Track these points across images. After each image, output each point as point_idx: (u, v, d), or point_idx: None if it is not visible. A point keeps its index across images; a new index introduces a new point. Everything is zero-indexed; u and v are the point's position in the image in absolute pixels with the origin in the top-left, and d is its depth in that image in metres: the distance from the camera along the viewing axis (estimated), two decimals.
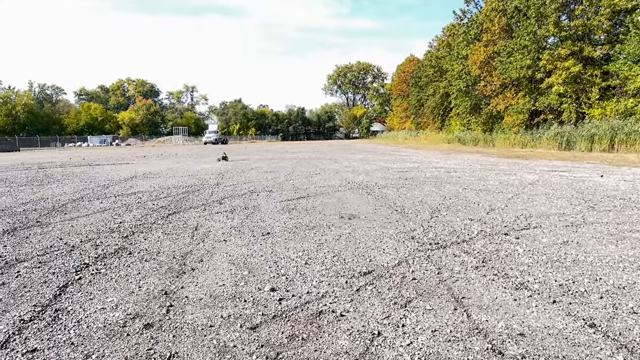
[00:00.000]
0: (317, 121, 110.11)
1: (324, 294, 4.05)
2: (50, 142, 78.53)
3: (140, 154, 35.79)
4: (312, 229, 6.75)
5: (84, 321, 3.54)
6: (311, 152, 33.25)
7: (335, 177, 14.34)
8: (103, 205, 9.33)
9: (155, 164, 23.02)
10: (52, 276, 4.69)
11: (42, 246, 5.97)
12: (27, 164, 24.87)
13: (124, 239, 6.32)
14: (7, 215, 8.25)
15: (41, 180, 14.68)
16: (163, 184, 13.00)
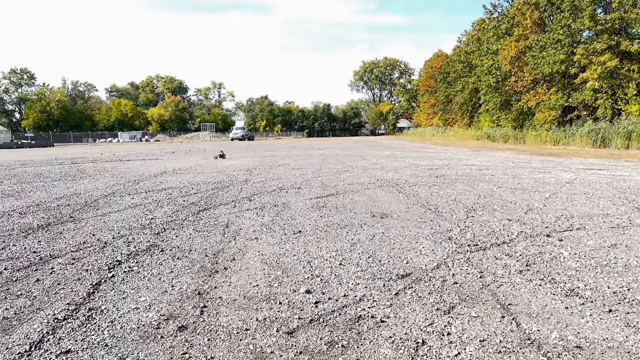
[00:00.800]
0: (342, 117, 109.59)
1: (362, 298, 3.89)
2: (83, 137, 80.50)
3: (169, 150, 36.29)
4: (344, 228, 6.60)
5: (117, 321, 3.48)
6: (337, 149, 33.06)
7: (364, 174, 14.14)
8: (134, 201, 9.38)
9: (184, 160, 23.24)
10: (85, 273, 4.67)
11: (75, 242, 5.98)
12: (60, 159, 25.45)
13: (156, 236, 6.29)
14: (42, 210, 8.36)
15: (74, 176, 14.95)
16: (192, 180, 13.04)
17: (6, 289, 4.22)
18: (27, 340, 3.17)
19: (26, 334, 3.27)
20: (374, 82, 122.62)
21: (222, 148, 38.36)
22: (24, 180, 13.88)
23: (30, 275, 4.62)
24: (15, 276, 4.59)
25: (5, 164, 21.82)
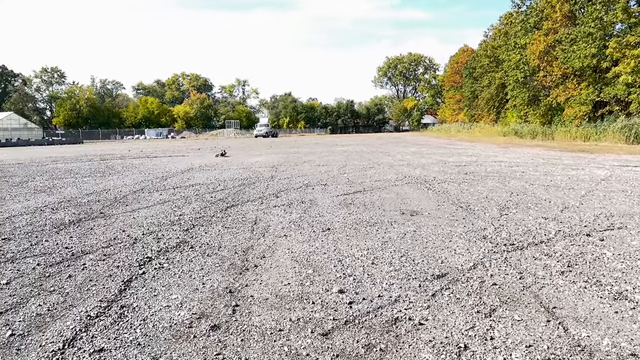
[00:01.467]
0: (366, 114, 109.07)
1: (397, 299, 3.76)
2: (111, 134, 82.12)
3: (194, 147, 36.65)
4: (374, 226, 6.46)
5: (149, 320, 3.43)
6: (361, 145, 32.84)
7: (390, 170, 13.95)
8: (162, 197, 9.43)
9: (210, 156, 23.40)
10: (116, 270, 4.66)
11: (105, 238, 6.01)
12: (89, 155, 25.96)
13: (185, 232, 6.27)
14: (73, 206, 8.47)
15: (103, 172, 15.18)
16: (219, 177, 13.08)
17: (39, 284, 4.24)
18: (60, 337, 3.15)
19: (59, 331, 3.25)
20: (398, 78, 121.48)
21: (242, 145, 38.52)
22: (55, 176, 14.15)
23: (63, 271, 4.64)
24: (48, 272, 4.62)
25: (38, 160, 22.35)
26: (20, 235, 6.21)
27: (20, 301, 3.83)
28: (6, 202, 9.02)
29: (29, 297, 3.91)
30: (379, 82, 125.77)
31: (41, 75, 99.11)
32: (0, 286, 4.18)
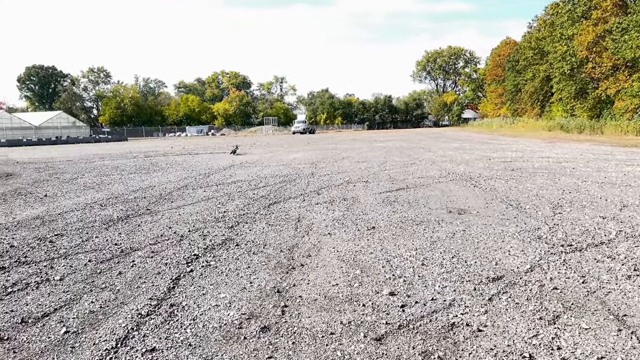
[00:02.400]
0: (404, 109, 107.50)
1: (452, 302, 3.60)
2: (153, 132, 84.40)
3: (234, 144, 37.13)
4: (420, 225, 6.28)
5: (199, 319, 3.41)
6: (401, 141, 32.38)
7: (433, 167, 13.63)
8: (206, 193, 9.52)
9: (250, 153, 23.62)
10: (164, 267, 4.69)
11: (153, 235, 6.09)
12: (134, 152, 26.70)
13: (230, 229, 6.28)
14: (120, 202, 8.67)
15: (148, 169, 15.54)
16: (260, 173, 13.13)
17: (91, 281, 4.31)
18: (113, 336, 3.16)
19: (112, 329, 3.27)
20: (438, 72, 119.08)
21: (280, 142, 38.69)
22: (103, 173, 14.59)
23: (113, 267, 4.71)
24: (99, 268, 4.69)
25: (86, 157, 23.17)
26: (72, 231, 6.38)
27: (73, 298, 3.89)
28: (58, 199, 9.33)
29: (82, 294, 3.97)
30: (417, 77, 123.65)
31: (88, 75, 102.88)
32: (55, 282, 4.28)
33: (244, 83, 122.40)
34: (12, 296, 3.95)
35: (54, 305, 3.72)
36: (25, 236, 6.13)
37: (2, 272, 4.60)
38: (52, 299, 3.86)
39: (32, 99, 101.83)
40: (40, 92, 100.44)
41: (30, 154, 27.55)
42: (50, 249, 5.47)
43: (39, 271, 4.62)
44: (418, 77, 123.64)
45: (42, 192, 10.29)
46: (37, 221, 7.11)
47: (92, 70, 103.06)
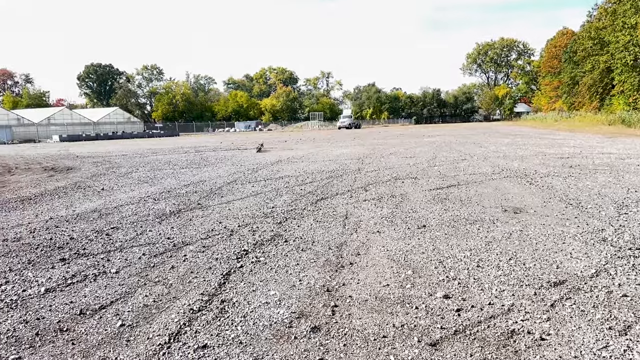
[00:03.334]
0: (453, 103, 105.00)
1: (511, 308, 3.41)
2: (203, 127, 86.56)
3: (281, 139, 37.47)
4: (474, 224, 6.04)
5: (249, 317, 3.40)
6: (450, 136, 31.58)
7: (485, 163, 13.17)
8: (255, 189, 9.61)
9: (296, 148, 23.73)
10: (215, 262, 4.73)
11: (204, 229, 6.18)
12: (185, 147, 27.44)
13: (278, 225, 6.28)
14: (173, 197, 8.89)
15: (198, 164, 15.90)
16: (307, 169, 13.14)
17: (145, 274, 4.40)
18: (165, 330, 3.20)
19: (165, 323, 3.31)
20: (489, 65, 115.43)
21: (326, 136, 38.65)
22: (156, 167, 15.05)
23: (166, 261, 4.80)
24: (153, 262, 4.80)
25: (140, 152, 24.03)
26: (126, 224, 6.59)
27: (128, 291, 3.98)
28: (114, 192, 9.69)
29: (136, 287, 4.06)
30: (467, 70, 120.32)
31: (142, 73, 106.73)
32: (111, 275, 4.40)
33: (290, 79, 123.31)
34: (71, 287, 4.09)
35: (110, 298, 3.82)
36: (84, 228, 6.38)
37: (62, 264, 4.79)
38: (109, 292, 3.97)
39: (91, 95, 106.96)
40: (98, 89, 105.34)
41: (89, 149, 28.88)
42: (106, 241, 5.65)
43: (97, 263, 4.77)
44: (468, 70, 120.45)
45: (100, 186, 10.72)
46: (95, 214, 7.39)
47: (146, 68, 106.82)
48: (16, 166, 16.93)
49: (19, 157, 22.50)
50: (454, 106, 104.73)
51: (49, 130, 64.71)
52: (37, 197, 9.38)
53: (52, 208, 8.05)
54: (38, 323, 3.38)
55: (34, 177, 13.01)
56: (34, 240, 5.80)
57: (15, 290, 4.05)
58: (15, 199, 9.21)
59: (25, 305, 3.72)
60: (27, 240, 5.84)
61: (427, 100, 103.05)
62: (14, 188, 10.87)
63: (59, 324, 3.35)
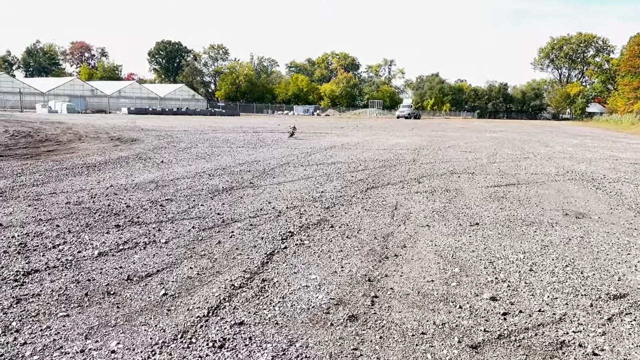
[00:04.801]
0: (520, 98, 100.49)
1: (563, 317, 3.19)
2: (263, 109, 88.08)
3: (337, 125, 37.40)
4: (531, 226, 5.73)
5: (288, 298, 3.39)
6: (514, 133, 30.26)
7: (549, 163, 12.50)
8: (306, 172, 9.62)
9: (352, 135, 23.58)
10: (260, 241, 4.77)
11: (253, 208, 6.26)
12: (244, 127, 28.00)
13: (326, 210, 6.25)
14: (227, 174, 9.07)
15: (255, 144, 16.16)
16: (360, 156, 13.01)
17: (192, 247, 4.51)
18: (205, 304, 3.25)
19: (205, 297, 3.36)
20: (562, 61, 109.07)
21: (384, 125, 38.14)
22: (214, 144, 15.45)
23: (213, 236, 4.89)
24: (201, 235, 4.91)
25: (201, 129, 24.76)
26: (180, 197, 6.78)
27: (174, 262, 4.09)
28: (172, 166, 10.02)
29: (183, 259, 4.17)
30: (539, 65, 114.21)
31: (209, 52, 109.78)
32: (160, 245, 4.54)
33: (352, 65, 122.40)
34: (122, 253, 4.26)
35: (157, 267, 3.94)
36: (140, 198, 6.64)
37: (116, 230, 5.00)
38: (156, 261, 4.09)
39: (159, 71, 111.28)
40: (166, 66, 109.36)
41: (154, 122, 30.10)
42: (160, 212, 5.85)
43: (148, 232, 4.94)
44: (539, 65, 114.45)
45: (159, 159, 11.12)
46: (152, 185, 7.67)
47: (213, 47, 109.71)
48: (86, 134, 17.92)
49: (90, 126, 23.81)
50: (520, 102, 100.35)
51: (119, 102, 68.08)
52: (101, 164, 9.87)
53: (114, 176, 8.43)
54: (88, 284, 3.53)
55: (101, 146, 13.72)
56: (94, 205, 6.10)
57: (71, 251, 4.26)
58: (81, 165, 9.74)
59: (78, 266, 3.91)
60: (87, 204, 6.15)
61: (493, 94, 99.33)
62: (81, 155, 11.50)
63: (107, 287, 3.49)
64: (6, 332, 2.78)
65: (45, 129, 19.96)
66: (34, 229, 4.94)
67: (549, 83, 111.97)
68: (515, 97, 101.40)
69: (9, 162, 9.76)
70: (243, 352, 2.65)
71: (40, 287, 3.45)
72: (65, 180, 7.94)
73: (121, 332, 2.83)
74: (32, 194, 6.68)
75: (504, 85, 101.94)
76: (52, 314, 3.04)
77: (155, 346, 2.67)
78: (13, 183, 7.48)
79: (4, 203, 6.07)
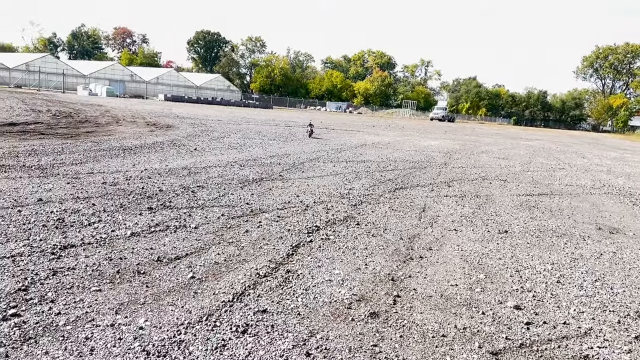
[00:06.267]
0: (560, 107, 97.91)
1: (588, 332, 3.14)
2: (296, 103, 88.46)
3: (369, 123, 37.24)
4: (561, 237, 5.62)
5: (311, 291, 3.44)
6: (550, 142, 29.51)
7: (585, 175, 12.16)
8: (335, 169, 9.66)
9: (383, 134, 23.46)
10: (287, 233, 4.84)
11: (281, 200, 6.33)
12: (277, 120, 28.20)
13: (353, 207, 6.27)
14: (257, 165, 9.19)
15: (286, 137, 16.28)
16: (390, 156, 12.96)
17: (220, 234, 4.61)
18: (231, 289, 3.34)
19: (231, 283, 3.45)
20: (607, 71, 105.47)
21: (417, 126, 37.75)
22: (246, 135, 15.64)
23: (241, 225, 4.99)
24: (230, 223, 5.01)
25: (234, 119, 25.08)
26: (211, 185, 6.92)
27: (203, 246, 4.20)
28: (205, 154, 10.21)
29: (211, 245, 4.27)
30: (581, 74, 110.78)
31: (246, 44, 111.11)
32: (190, 230, 4.66)
33: (388, 63, 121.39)
34: (153, 235, 4.39)
35: (186, 250, 4.05)
36: (173, 183, 6.80)
37: (149, 212, 5.15)
38: (185, 245, 4.21)
39: (197, 60, 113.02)
40: (204, 55, 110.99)
41: (188, 110, 30.64)
42: (191, 198, 5.99)
43: (179, 217, 5.08)
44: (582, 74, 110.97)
45: (193, 146, 11.35)
46: (185, 171, 7.85)
47: (250, 39, 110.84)
48: (124, 118, 18.40)
49: (127, 110, 24.43)
50: (560, 111, 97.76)
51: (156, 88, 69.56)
52: (137, 148, 10.14)
53: (148, 160, 8.66)
54: (120, 262, 3.67)
55: (137, 130, 14.08)
56: (128, 187, 6.29)
57: (105, 230, 4.42)
58: (118, 147, 10.03)
59: (112, 244, 4.06)
60: (122, 186, 6.35)
61: (531, 102, 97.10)
62: (118, 137, 11.83)
63: (137, 266, 3.61)
64: (42, 302, 2.93)
65: (85, 111, 20.59)
66: (72, 205, 5.14)
67: (591, 93, 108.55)
68: (554, 105, 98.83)
69: (50, 141, 10.14)
70: (265, 339, 2.71)
71: (75, 262, 3.60)
72: (102, 161, 8.20)
73: (149, 310, 2.94)
74: (71, 172, 6.94)
75: (543, 92, 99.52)
76: (86, 288, 3.17)
77: (181, 326, 2.76)
78: (54, 161, 7.77)
79: (45, 179, 6.32)
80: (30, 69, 59.21)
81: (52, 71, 60.52)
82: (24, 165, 7.14)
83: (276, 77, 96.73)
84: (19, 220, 4.45)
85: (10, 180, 6.08)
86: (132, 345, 2.53)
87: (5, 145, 8.94)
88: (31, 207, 4.93)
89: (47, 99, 28.67)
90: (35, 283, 3.17)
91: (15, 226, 4.29)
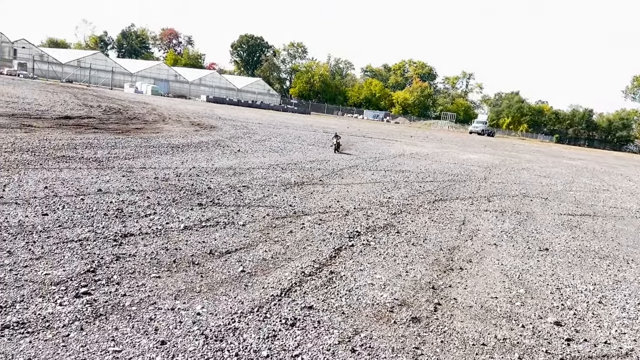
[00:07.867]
0: (606, 127, 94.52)
1: (629, 352, 3.16)
2: (334, 110, 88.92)
3: (407, 134, 37.09)
4: (604, 259, 5.56)
5: (354, 292, 3.58)
6: (594, 162, 28.63)
7: (631, 198, 11.82)
8: (374, 177, 9.77)
9: (421, 145, 23.37)
10: (329, 236, 5.00)
11: (322, 204, 6.50)
12: (314, 126, 28.51)
13: (392, 216, 6.38)
14: (298, 169, 9.41)
15: (325, 143, 16.49)
16: (429, 167, 12.96)
17: (266, 233, 4.81)
18: (279, 285, 3.52)
19: (279, 279, 3.63)
20: None
21: (456, 139, 37.29)
22: (286, 140, 15.94)
23: (286, 225, 5.18)
24: (275, 223, 5.21)
25: (274, 123, 25.52)
26: (256, 185, 7.17)
27: (251, 243, 4.41)
28: (248, 155, 10.52)
29: (258, 242, 4.47)
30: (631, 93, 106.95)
31: (288, 49, 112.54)
32: (238, 226, 4.89)
33: (429, 74, 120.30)
34: (205, 229, 4.64)
35: (235, 246, 4.27)
36: (220, 182, 7.09)
37: (199, 208, 5.42)
38: (235, 240, 4.43)
39: (239, 63, 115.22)
40: (247, 59, 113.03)
41: (230, 112, 31.35)
42: (237, 197, 6.24)
43: (227, 214, 5.32)
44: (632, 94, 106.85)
45: (236, 147, 11.69)
46: (230, 171, 8.14)
47: (292, 45, 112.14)
48: (169, 117, 19.06)
49: (172, 109, 25.25)
50: (606, 131, 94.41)
51: (199, 89, 71.37)
52: (184, 146, 10.55)
53: (195, 159, 9.01)
54: (175, 253, 3.91)
55: (183, 129, 14.58)
56: (179, 183, 6.60)
57: (160, 222, 4.70)
58: (166, 144, 10.46)
59: (167, 235, 4.32)
60: (173, 182, 6.67)
61: (576, 120, 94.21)
62: (166, 135, 12.31)
63: (192, 258, 3.85)
64: (109, 284, 3.18)
65: (133, 108, 21.43)
66: (128, 197, 5.47)
67: None
68: (600, 125, 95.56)
69: (103, 135, 10.67)
70: (312, 333, 2.87)
71: (135, 249, 3.86)
72: (153, 157, 8.60)
73: (205, 298, 3.15)
74: (125, 166, 7.33)
75: (589, 111, 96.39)
76: (146, 274, 3.42)
77: (234, 315, 2.96)
78: (108, 154, 8.21)
79: (102, 171, 6.72)
80: (81, 65, 61.96)
81: (101, 68, 63.07)
82: (82, 157, 7.59)
83: (315, 83, 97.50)
84: (83, 208, 4.79)
85: (72, 171, 6.49)
86: (191, 329, 2.74)
87: (64, 137, 9.49)
88: (92, 197, 5.27)
89: (96, 94, 29.96)
90: (101, 266, 3.44)
91: (80, 213, 4.62)
